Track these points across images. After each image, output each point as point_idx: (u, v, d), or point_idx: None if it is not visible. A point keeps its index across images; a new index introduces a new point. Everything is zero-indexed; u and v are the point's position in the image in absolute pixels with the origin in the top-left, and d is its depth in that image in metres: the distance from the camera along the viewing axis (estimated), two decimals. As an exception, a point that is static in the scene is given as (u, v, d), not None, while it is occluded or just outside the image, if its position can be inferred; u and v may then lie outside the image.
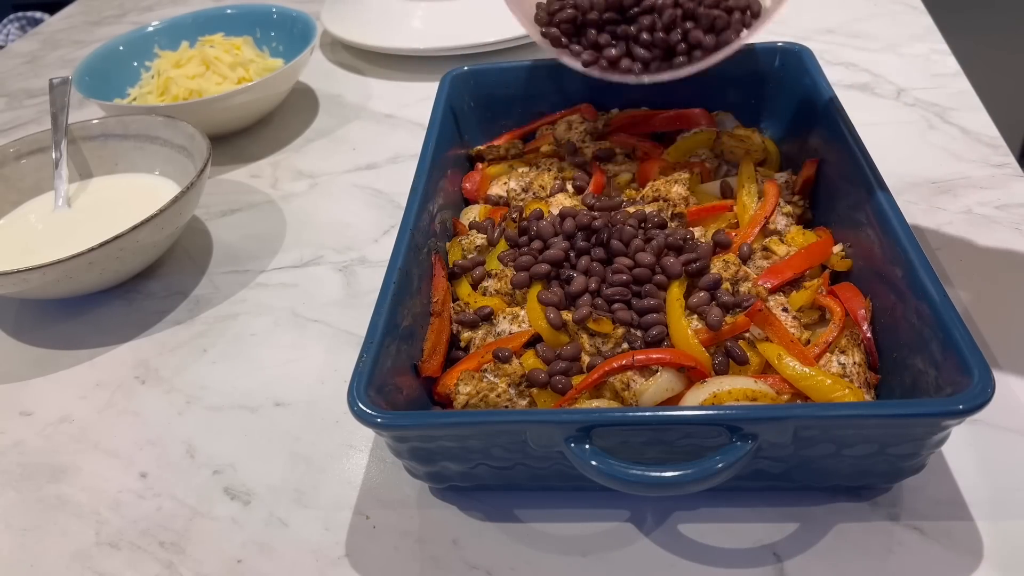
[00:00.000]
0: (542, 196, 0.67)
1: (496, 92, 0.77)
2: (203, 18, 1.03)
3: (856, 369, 0.50)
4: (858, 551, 0.47)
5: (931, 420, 0.42)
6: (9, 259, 0.71)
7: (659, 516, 0.50)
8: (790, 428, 0.43)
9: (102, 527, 0.54)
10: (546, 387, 0.51)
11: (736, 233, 0.60)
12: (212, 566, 0.51)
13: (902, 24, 0.98)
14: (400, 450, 0.48)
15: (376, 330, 0.49)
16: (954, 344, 0.44)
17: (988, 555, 0.46)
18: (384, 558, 0.50)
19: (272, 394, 0.62)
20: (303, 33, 0.97)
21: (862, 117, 0.80)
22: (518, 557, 0.49)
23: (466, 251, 0.63)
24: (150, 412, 0.62)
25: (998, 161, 0.74)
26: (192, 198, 0.71)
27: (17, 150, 0.80)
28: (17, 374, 0.67)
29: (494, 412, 0.50)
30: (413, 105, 0.96)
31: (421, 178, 0.62)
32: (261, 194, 0.85)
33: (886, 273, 0.52)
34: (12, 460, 0.60)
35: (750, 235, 0.60)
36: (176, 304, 0.72)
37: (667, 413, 0.44)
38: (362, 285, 0.71)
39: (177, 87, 0.91)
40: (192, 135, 0.77)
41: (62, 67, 1.19)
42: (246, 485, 0.55)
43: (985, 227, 0.67)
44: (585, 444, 0.43)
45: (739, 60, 0.74)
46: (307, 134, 0.94)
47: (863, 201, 0.55)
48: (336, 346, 0.65)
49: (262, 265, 0.75)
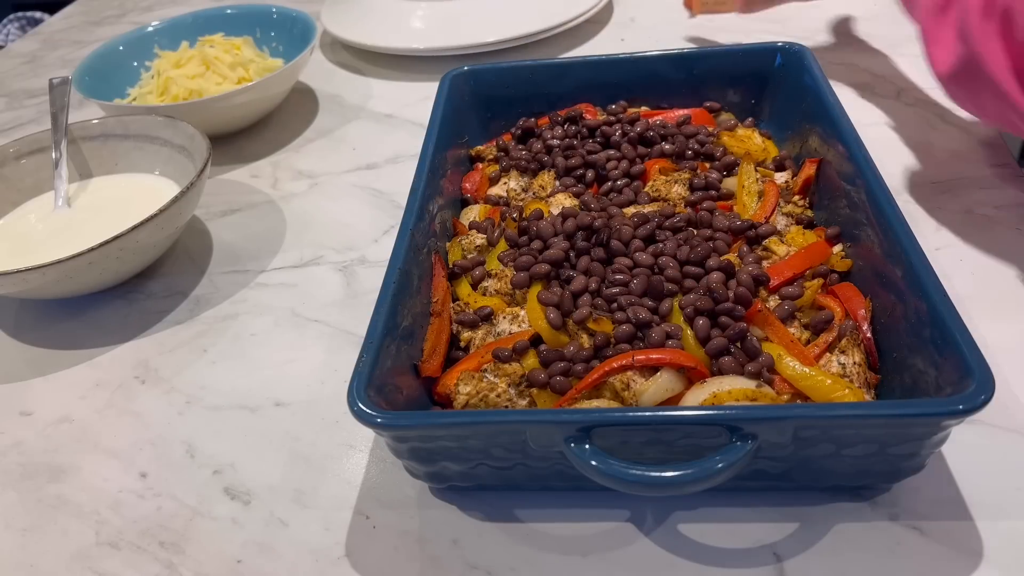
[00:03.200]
0: (542, 196, 0.67)
1: (496, 92, 0.77)
2: (203, 18, 1.03)
3: (856, 369, 0.50)
4: (858, 551, 0.47)
5: (931, 420, 0.42)
6: (9, 259, 0.71)
7: (659, 516, 0.50)
8: (790, 428, 0.43)
9: (102, 527, 0.54)
10: (546, 387, 0.51)
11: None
12: (212, 566, 0.51)
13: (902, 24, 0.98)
14: (400, 450, 0.48)
15: (376, 330, 0.49)
16: (954, 344, 0.43)
17: (988, 555, 0.46)
18: (384, 558, 0.50)
19: (272, 394, 0.62)
20: (303, 33, 0.97)
21: (862, 117, 0.81)
22: (518, 557, 0.49)
23: (466, 251, 0.63)
24: (150, 412, 0.62)
25: (998, 161, 0.74)
26: (192, 198, 0.71)
27: (17, 150, 0.80)
28: (17, 374, 0.67)
29: (494, 412, 0.50)
30: (413, 105, 0.96)
31: (421, 178, 0.62)
32: (261, 194, 0.85)
33: (886, 273, 0.52)
34: (12, 460, 0.60)
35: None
36: (176, 304, 0.72)
37: (667, 413, 0.44)
38: (362, 285, 0.71)
39: (177, 87, 0.91)
40: (192, 135, 0.77)
41: (62, 67, 1.19)
42: (246, 485, 0.55)
43: (985, 227, 0.67)
44: (585, 444, 0.43)
45: (739, 60, 0.74)
46: (307, 134, 0.94)
47: (863, 201, 0.55)
48: (336, 346, 0.65)
49: (262, 265, 0.75)
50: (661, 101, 0.76)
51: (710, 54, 0.75)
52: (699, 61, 0.75)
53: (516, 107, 0.77)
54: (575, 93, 0.76)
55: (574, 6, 1.03)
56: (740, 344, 0.51)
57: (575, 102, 0.76)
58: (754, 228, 0.60)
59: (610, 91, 0.76)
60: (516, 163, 0.71)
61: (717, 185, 0.65)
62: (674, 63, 0.75)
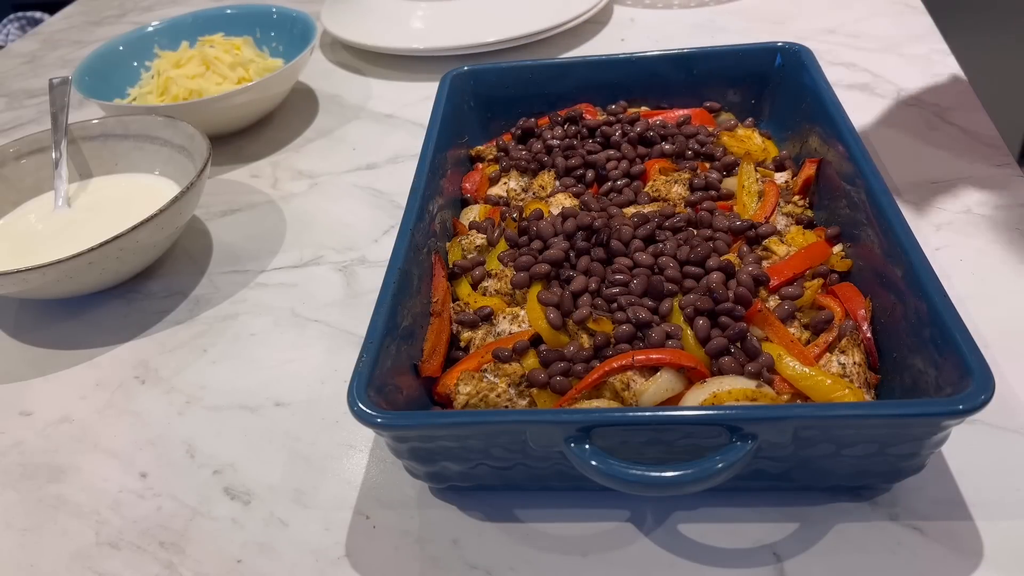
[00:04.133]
0: (542, 196, 0.67)
1: (496, 92, 0.77)
2: (203, 18, 1.03)
3: (856, 369, 0.50)
4: (858, 551, 0.47)
5: (931, 420, 0.42)
6: (9, 259, 0.71)
7: (659, 516, 0.50)
8: (790, 428, 0.43)
9: (102, 527, 0.54)
10: (546, 387, 0.51)
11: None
12: (212, 566, 0.51)
13: (902, 24, 0.98)
14: (400, 450, 0.48)
15: (376, 330, 0.49)
16: (954, 344, 0.43)
17: (988, 555, 0.46)
18: (384, 558, 0.50)
19: (272, 394, 0.62)
20: (303, 33, 0.97)
21: (862, 117, 0.81)
22: (518, 557, 0.49)
23: (466, 251, 0.63)
24: (150, 412, 0.62)
25: (998, 161, 0.74)
26: (192, 198, 0.71)
27: (17, 150, 0.80)
28: (17, 374, 0.67)
29: (494, 412, 0.50)
30: (413, 105, 0.96)
31: (421, 178, 0.62)
32: (261, 194, 0.85)
33: (886, 273, 0.52)
34: (12, 460, 0.60)
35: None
36: (176, 304, 0.72)
37: (667, 413, 0.44)
38: (362, 285, 0.71)
39: (177, 87, 0.91)
40: (192, 135, 0.77)
41: (62, 67, 1.19)
42: (246, 485, 0.55)
43: (985, 227, 0.67)
44: (585, 444, 0.43)
45: (739, 60, 0.74)
46: (307, 134, 0.94)
47: (863, 201, 0.55)
48: (336, 346, 0.65)
49: (262, 265, 0.75)
50: (661, 101, 0.76)
51: (710, 54, 0.75)
52: (699, 61, 0.75)
53: (516, 107, 0.77)
54: (575, 93, 0.76)
55: (574, 6, 1.03)
56: (740, 344, 0.51)
57: (575, 102, 0.76)
58: (754, 228, 0.60)
59: (610, 91, 0.76)
60: (516, 163, 0.71)
61: (717, 185, 0.65)
62: (674, 63, 0.75)
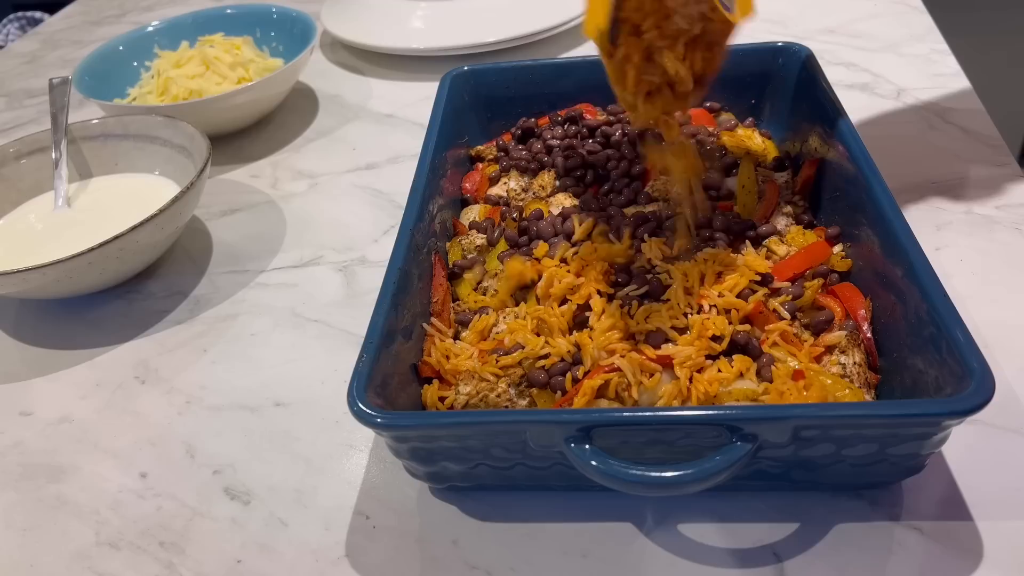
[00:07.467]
0: (542, 196, 0.67)
1: (496, 92, 0.77)
2: (203, 18, 1.03)
3: (856, 369, 0.50)
4: (858, 551, 0.47)
5: (931, 420, 0.42)
6: (9, 259, 0.71)
7: (659, 516, 0.50)
8: (790, 428, 0.43)
9: (102, 527, 0.54)
10: (546, 387, 0.51)
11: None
12: (212, 566, 0.51)
13: (902, 24, 0.98)
14: (400, 450, 0.48)
15: (376, 330, 0.49)
16: (954, 344, 0.43)
17: (988, 555, 0.46)
18: (384, 558, 0.50)
19: (272, 394, 0.62)
20: (303, 33, 0.97)
21: (862, 117, 0.81)
22: (518, 557, 0.49)
23: (466, 251, 0.63)
24: (150, 412, 0.62)
25: (998, 161, 0.74)
26: (192, 198, 0.71)
27: (17, 150, 0.80)
28: (17, 374, 0.67)
29: (494, 412, 0.50)
30: (413, 105, 0.96)
31: (421, 178, 0.62)
32: (261, 194, 0.85)
33: (886, 273, 0.52)
34: (12, 460, 0.60)
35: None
36: (176, 304, 0.72)
37: (667, 413, 0.44)
38: (362, 285, 0.71)
39: (177, 87, 0.91)
40: (192, 135, 0.77)
41: (62, 67, 1.19)
42: (246, 485, 0.55)
43: (985, 227, 0.67)
44: (585, 444, 0.43)
45: (739, 60, 0.74)
46: (307, 134, 0.94)
47: (863, 201, 0.55)
48: (336, 346, 0.65)
49: (262, 265, 0.75)
50: (661, 101, 0.76)
51: (710, 54, 0.75)
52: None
53: (516, 107, 0.77)
54: (575, 93, 0.76)
55: (574, 6, 1.03)
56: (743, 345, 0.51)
57: (575, 102, 0.76)
58: (754, 228, 0.60)
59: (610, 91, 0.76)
60: (516, 163, 0.71)
61: (717, 185, 0.65)
62: (674, 63, 0.75)
